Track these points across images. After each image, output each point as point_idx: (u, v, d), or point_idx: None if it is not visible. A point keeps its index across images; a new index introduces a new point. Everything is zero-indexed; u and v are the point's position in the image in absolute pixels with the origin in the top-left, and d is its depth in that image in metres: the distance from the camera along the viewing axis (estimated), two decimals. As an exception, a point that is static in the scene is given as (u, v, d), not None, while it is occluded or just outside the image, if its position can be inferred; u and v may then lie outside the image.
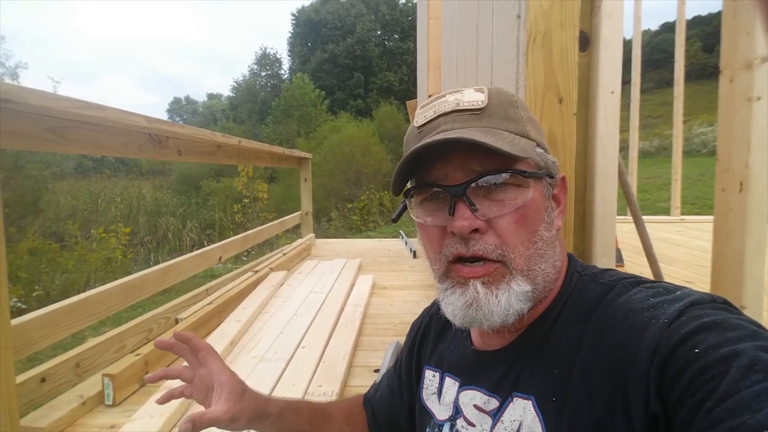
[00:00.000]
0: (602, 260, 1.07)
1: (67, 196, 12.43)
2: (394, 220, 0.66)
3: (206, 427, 0.59)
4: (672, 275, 2.78)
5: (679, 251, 3.60)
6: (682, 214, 5.59)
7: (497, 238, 0.53)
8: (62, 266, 6.61)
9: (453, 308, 0.55)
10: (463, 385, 0.63)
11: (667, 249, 3.61)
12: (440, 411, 0.66)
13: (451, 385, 0.65)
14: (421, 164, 0.57)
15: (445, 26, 2.58)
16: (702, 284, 2.65)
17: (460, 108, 0.55)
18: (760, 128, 0.99)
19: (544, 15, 0.94)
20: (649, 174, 13.57)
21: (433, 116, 0.57)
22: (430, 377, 0.70)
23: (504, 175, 0.53)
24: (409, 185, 0.60)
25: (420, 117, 0.59)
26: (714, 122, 17.59)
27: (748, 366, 0.36)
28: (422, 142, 0.53)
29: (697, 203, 9.74)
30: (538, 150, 0.56)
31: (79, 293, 1.67)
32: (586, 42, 1.01)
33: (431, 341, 0.74)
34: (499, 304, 0.52)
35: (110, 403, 1.55)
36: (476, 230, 0.52)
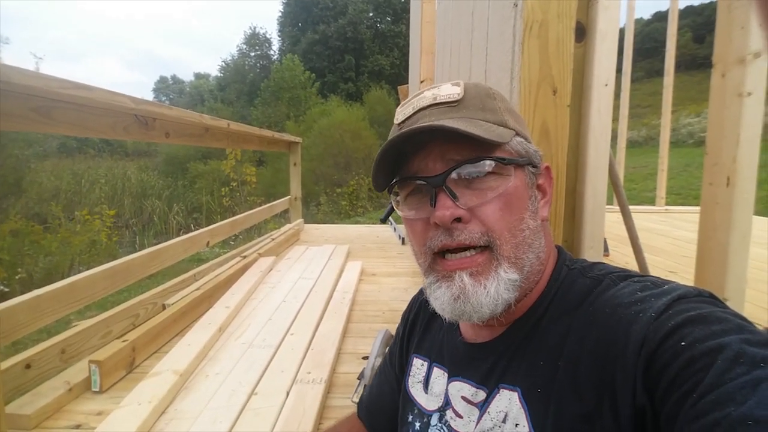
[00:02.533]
0: (591, 252, 1.08)
1: (50, 177, 12.18)
2: (383, 221, 0.67)
3: None
4: (656, 265, 2.82)
5: (663, 241, 3.65)
6: (667, 204, 5.66)
7: (482, 226, 0.52)
8: (45, 248, 6.50)
9: (441, 302, 0.55)
10: (452, 376, 0.63)
11: (651, 239, 3.67)
12: (428, 401, 0.66)
13: (440, 375, 0.66)
14: (401, 159, 0.57)
15: (440, 11, 2.55)
16: (685, 274, 2.70)
17: (437, 102, 0.56)
18: (750, 124, 1.00)
19: (542, 5, 0.93)
20: (635, 164, 13.70)
21: (412, 112, 0.57)
22: (419, 365, 0.71)
23: (483, 163, 0.53)
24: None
25: (400, 114, 0.59)
26: (701, 113, 17.75)
27: (733, 359, 0.36)
28: (396, 134, 0.54)
29: (681, 193, 9.87)
30: (518, 139, 0.56)
31: (63, 276, 1.65)
32: (582, 33, 1.00)
33: (420, 329, 0.75)
34: (488, 294, 0.52)
35: (97, 389, 1.54)
36: (459, 220, 0.52)
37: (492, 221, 0.52)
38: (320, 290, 2.64)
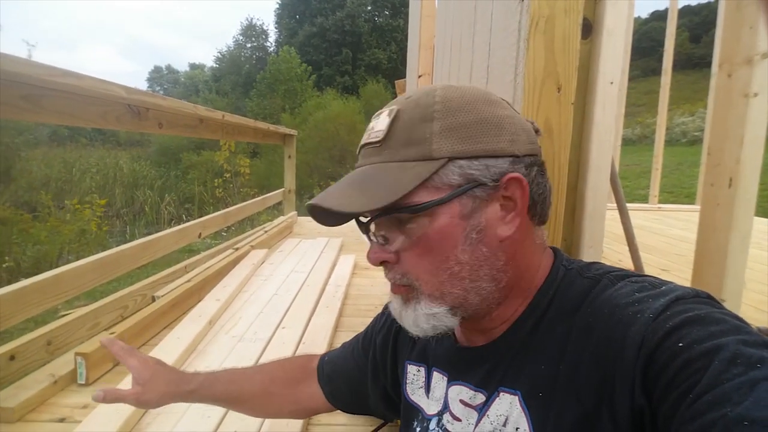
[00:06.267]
0: (590, 251, 1.06)
1: (40, 165, 12.07)
2: None
3: (116, 402, 0.78)
4: (649, 263, 2.83)
5: (656, 239, 3.66)
6: (659, 202, 5.68)
7: (404, 268, 0.55)
8: (34, 237, 6.41)
9: None
10: (451, 380, 0.63)
11: (644, 236, 3.67)
12: (429, 405, 0.66)
13: (439, 379, 0.65)
14: None
15: (440, 5, 2.51)
16: (677, 272, 2.70)
17: (368, 141, 0.56)
18: (755, 124, 0.99)
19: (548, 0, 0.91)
20: (629, 161, 13.81)
21: (360, 145, 0.59)
22: (415, 372, 0.70)
23: (389, 217, 0.54)
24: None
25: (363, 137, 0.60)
26: (695, 112, 17.88)
27: (730, 360, 0.36)
28: (310, 203, 0.55)
29: (674, 192, 9.95)
30: (456, 165, 0.52)
31: (51, 265, 1.61)
32: (589, 29, 0.98)
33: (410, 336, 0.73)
34: (410, 320, 0.56)
35: (83, 382, 1.50)
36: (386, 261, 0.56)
37: (410, 266, 0.54)
38: (313, 283, 2.62)
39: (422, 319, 0.54)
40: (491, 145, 0.53)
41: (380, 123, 0.56)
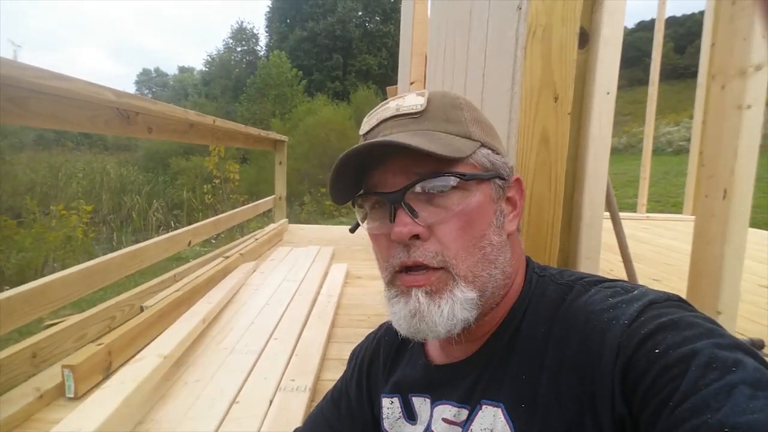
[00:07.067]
0: (587, 263, 1.06)
1: (25, 169, 11.82)
2: (352, 231, 0.65)
3: None
4: (639, 273, 2.82)
5: (645, 248, 3.68)
6: (647, 211, 5.74)
7: (439, 245, 0.51)
8: (19, 244, 6.27)
9: (398, 318, 0.53)
10: (435, 400, 0.61)
11: (633, 246, 3.66)
12: (415, 430, 0.63)
13: (422, 403, 0.63)
14: (364, 172, 0.56)
15: (433, 10, 2.52)
16: (668, 282, 2.72)
17: (399, 113, 0.55)
18: (749, 136, 1.00)
19: (546, 8, 0.91)
20: (615, 171, 13.96)
21: (376, 123, 0.56)
22: (388, 405, 0.67)
23: (441, 179, 0.51)
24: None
25: (365, 125, 0.58)
26: (680, 122, 18.21)
27: (706, 364, 0.37)
28: (348, 150, 0.52)
29: (660, 201, 10.06)
30: (484, 151, 0.55)
31: (36, 273, 1.57)
32: (585, 39, 0.98)
33: (382, 367, 0.71)
34: (443, 314, 0.50)
35: (72, 395, 1.46)
36: (417, 237, 0.51)
37: (449, 240, 0.51)
38: (305, 293, 2.59)
39: (458, 308, 0.50)
40: (498, 145, 0.58)
41: (412, 99, 0.56)
